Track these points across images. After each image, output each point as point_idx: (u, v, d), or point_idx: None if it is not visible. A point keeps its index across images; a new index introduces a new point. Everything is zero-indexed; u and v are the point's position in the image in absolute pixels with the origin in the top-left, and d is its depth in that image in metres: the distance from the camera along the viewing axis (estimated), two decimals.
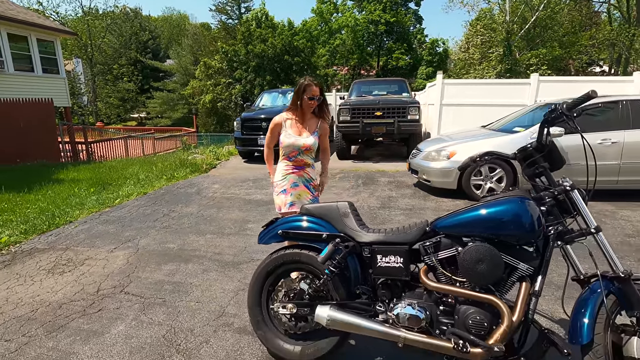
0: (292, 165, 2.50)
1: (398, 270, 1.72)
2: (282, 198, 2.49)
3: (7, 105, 9.32)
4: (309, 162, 2.54)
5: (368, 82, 10.57)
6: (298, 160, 2.49)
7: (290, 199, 2.47)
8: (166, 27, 47.15)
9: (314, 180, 2.58)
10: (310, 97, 2.40)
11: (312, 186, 2.55)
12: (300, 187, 2.49)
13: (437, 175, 5.09)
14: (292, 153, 2.47)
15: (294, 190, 2.48)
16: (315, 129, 2.51)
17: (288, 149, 2.47)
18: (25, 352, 2.09)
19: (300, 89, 2.40)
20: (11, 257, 3.44)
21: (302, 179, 2.51)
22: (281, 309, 1.88)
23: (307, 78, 2.44)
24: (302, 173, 2.51)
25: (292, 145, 2.44)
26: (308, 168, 2.54)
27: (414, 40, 31.16)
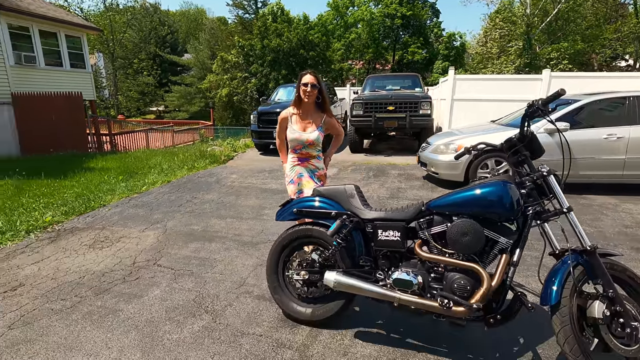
0: (297, 158, 2.68)
1: (396, 243, 1.99)
2: (291, 188, 2.72)
3: (40, 99, 9.92)
4: (314, 154, 2.69)
5: (381, 77, 10.73)
6: (303, 153, 2.66)
7: (298, 188, 2.68)
8: (184, 21, 47.93)
9: (320, 170, 2.73)
10: (303, 83, 2.52)
11: (317, 176, 2.71)
12: (305, 178, 2.67)
13: (444, 168, 5.30)
14: (297, 147, 2.65)
15: (300, 181, 2.68)
16: (320, 124, 2.64)
17: (293, 143, 2.65)
18: (78, 309, 2.47)
19: (298, 79, 2.57)
20: (56, 235, 3.86)
21: (307, 170, 2.68)
22: (295, 275, 2.19)
23: (306, 70, 2.62)
24: (307, 164, 2.69)
25: (296, 140, 2.61)
26: (313, 159, 2.69)
27: (430, 34, 30.88)
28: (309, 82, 2.51)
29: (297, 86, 2.57)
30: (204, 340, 2.12)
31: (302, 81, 2.54)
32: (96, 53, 33.73)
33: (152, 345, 2.08)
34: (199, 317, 2.34)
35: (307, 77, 2.52)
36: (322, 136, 2.63)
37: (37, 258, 3.30)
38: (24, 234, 3.82)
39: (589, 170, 4.84)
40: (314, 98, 2.57)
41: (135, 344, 2.09)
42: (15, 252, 3.44)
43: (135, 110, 36.12)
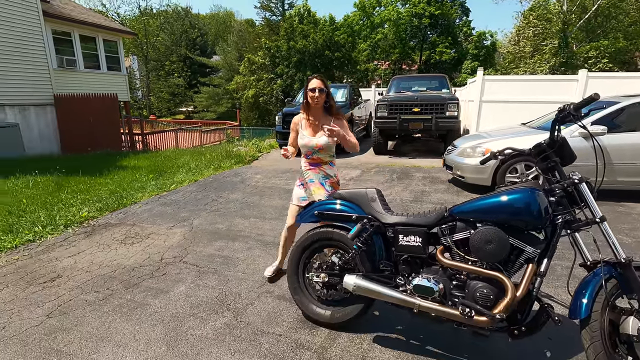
0: (309, 163, 2.64)
1: (417, 248, 1.97)
2: (297, 191, 2.67)
3: (79, 100, 10.49)
4: (325, 160, 2.62)
5: (407, 78, 10.60)
6: (314, 158, 2.60)
7: (304, 194, 2.63)
8: (213, 24, 49.18)
9: (332, 177, 2.64)
10: (310, 89, 2.46)
11: (329, 183, 2.61)
12: (315, 184, 2.59)
13: (471, 172, 5.16)
14: (308, 152, 2.60)
15: (309, 187, 2.63)
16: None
17: (304, 149, 2.60)
18: (110, 301, 2.60)
19: (305, 85, 2.53)
20: (91, 229, 4.08)
21: (319, 176, 2.60)
22: (315, 277, 2.21)
23: (312, 75, 2.59)
24: (318, 170, 2.61)
25: (306, 146, 2.56)
26: (324, 165, 2.62)
27: (459, 34, 30.11)
28: (316, 87, 2.46)
29: (305, 91, 2.53)
30: (226, 337, 2.18)
31: (309, 86, 2.49)
32: (131, 56, 35.30)
33: (176, 339, 2.16)
34: (221, 315, 2.40)
35: (314, 82, 2.48)
36: (332, 141, 2.52)
37: (74, 251, 3.50)
38: (62, 228, 4.07)
39: (628, 176, 4.57)
40: (322, 102, 2.51)
41: (160, 338, 2.18)
42: (54, 245, 3.66)
43: (166, 111, 37.46)
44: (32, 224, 4.03)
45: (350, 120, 9.10)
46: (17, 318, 2.41)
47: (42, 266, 3.18)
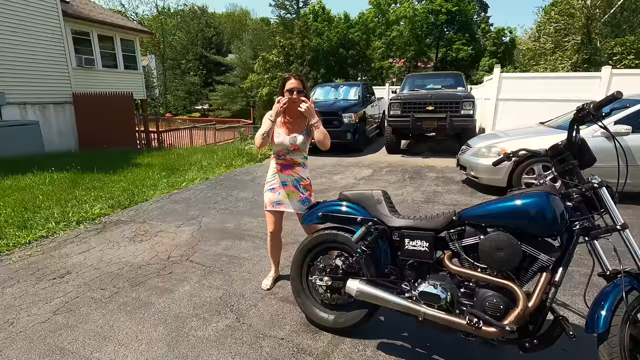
0: (281, 165, 2.48)
1: (424, 253, 1.89)
2: (269, 196, 2.51)
3: (96, 98, 10.73)
4: (299, 161, 2.48)
5: (422, 76, 10.40)
6: (287, 159, 2.46)
7: (278, 197, 2.48)
8: (229, 23, 49.60)
9: (305, 179, 2.50)
10: (289, 89, 2.31)
11: (303, 186, 2.48)
12: (288, 187, 2.47)
13: (485, 172, 5.00)
14: (282, 152, 2.45)
15: (282, 190, 2.47)
16: (305, 128, 2.44)
17: (277, 148, 2.45)
18: (115, 299, 2.61)
19: (281, 84, 2.37)
20: (102, 226, 4.14)
21: (292, 179, 2.46)
22: (318, 281, 2.15)
23: (290, 74, 2.43)
24: (291, 172, 2.46)
25: (281, 144, 2.41)
26: (298, 167, 2.48)
27: (477, 30, 29.49)
28: (294, 88, 2.31)
29: (280, 91, 2.38)
30: (227, 339, 2.15)
31: (286, 87, 2.34)
32: (148, 55, 35.96)
33: (177, 340, 2.14)
34: (224, 316, 2.38)
35: (292, 83, 2.33)
36: (307, 141, 2.44)
37: (84, 248, 3.54)
38: (74, 224, 4.13)
39: None
40: (299, 103, 2.32)
41: (162, 338, 2.17)
42: (66, 241, 3.72)
43: (182, 109, 38.03)
44: (46, 220, 4.12)
45: (363, 119, 9.01)
46: (25, 314, 2.44)
47: (52, 262, 3.23)
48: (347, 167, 7.21)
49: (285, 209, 2.50)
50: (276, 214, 2.55)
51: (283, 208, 2.50)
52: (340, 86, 10.44)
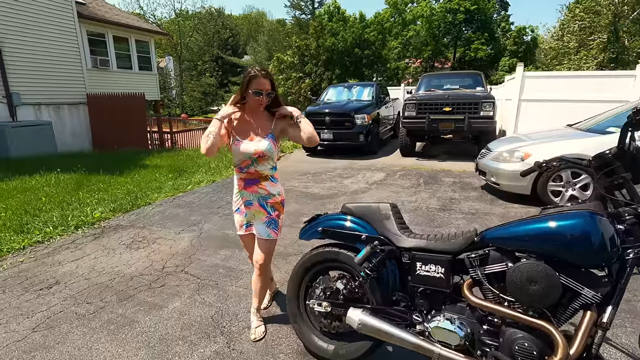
0: (244, 180, 2.03)
1: (439, 280, 1.60)
2: (237, 218, 2.14)
3: (109, 99, 10.76)
4: (266, 174, 2.01)
5: (439, 76, 10.00)
6: (251, 172, 1.99)
7: (245, 219, 2.11)
8: (245, 24, 49.92)
9: (275, 196, 2.06)
10: (256, 91, 1.87)
11: (271, 204, 2.05)
12: (254, 207, 2.05)
13: (507, 179, 4.63)
14: (244, 163, 1.98)
15: (247, 210, 2.08)
16: (270, 131, 2.00)
17: (237, 158, 1.98)
18: (100, 315, 2.41)
19: (245, 81, 1.88)
20: (101, 231, 3.98)
21: (257, 196, 2.03)
22: (316, 306, 1.89)
23: (254, 68, 1.92)
24: (257, 188, 2.02)
25: (242, 153, 1.95)
26: (265, 182, 2.02)
27: (497, 29, 28.64)
28: (264, 90, 1.88)
29: (244, 87, 1.89)
30: None
31: (253, 87, 1.87)
32: (166, 57, 36.49)
33: None
34: (212, 340, 2.14)
35: (262, 83, 1.87)
36: (275, 147, 2.00)
37: (79, 255, 3.38)
38: (73, 229, 4.00)
39: None
40: (266, 104, 1.96)
41: None
42: (61, 247, 3.57)
43: (198, 110, 38.41)
44: (44, 224, 3.99)
45: (377, 120, 8.70)
46: (3, 330, 2.27)
47: (43, 271, 3.07)
48: (359, 170, 6.92)
49: (254, 232, 2.13)
50: (250, 238, 2.17)
51: (252, 231, 2.13)
52: (353, 86, 10.15)
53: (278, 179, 2.11)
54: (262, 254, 2.08)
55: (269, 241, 2.07)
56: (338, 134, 8.16)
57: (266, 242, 2.07)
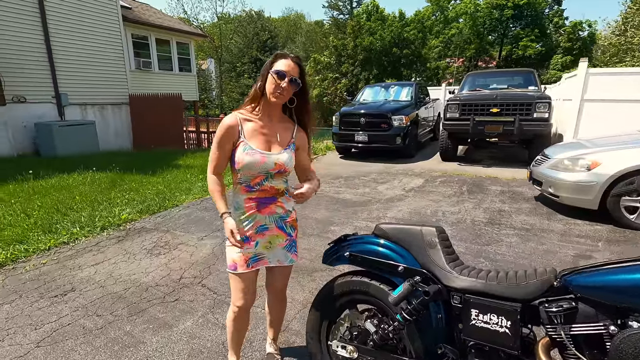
0: (256, 200, 1.58)
1: (502, 336, 1.21)
2: (239, 251, 1.57)
3: (151, 99, 11.07)
4: (281, 188, 1.62)
5: (485, 74, 9.26)
6: (266, 188, 1.57)
7: (255, 250, 1.59)
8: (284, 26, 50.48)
9: (292, 212, 1.69)
10: (279, 72, 1.44)
11: (290, 224, 1.68)
12: (271, 231, 1.61)
13: (569, 190, 4.01)
14: (257, 179, 1.55)
15: (260, 238, 1.59)
16: (292, 140, 1.61)
17: (249, 173, 1.53)
18: (106, 332, 2.23)
19: (268, 62, 1.49)
20: (125, 234, 3.90)
21: (274, 217, 1.62)
22: (340, 348, 1.55)
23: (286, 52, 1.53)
24: (274, 208, 1.61)
25: (257, 167, 1.52)
26: (281, 198, 1.63)
27: (548, 25, 26.63)
28: (288, 73, 1.45)
29: (264, 74, 1.49)
30: None
31: (274, 67, 1.47)
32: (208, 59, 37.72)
33: None
34: None
35: (287, 64, 1.47)
36: (294, 158, 1.62)
37: (99, 259, 3.28)
38: (98, 230, 3.94)
39: None
40: (287, 98, 1.52)
41: None
42: (85, 249, 3.50)
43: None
44: (72, 224, 3.97)
45: (415, 122, 8.18)
46: (8, 342, 2.14)
47: (62, 275, 2.98)
48: (395, 175, 6.47)
49: (266, 264, 1.64)
50: (252, 276, 1.63)
51: (263, 264, 1.63)
52: (391, 86, 9.67)
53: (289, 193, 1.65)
54: (282, 281, 1.78)
55: (291, 266, 1.76)
56: (374, 136, 7.75)
57: (288, 267, 1.75)
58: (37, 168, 6.31)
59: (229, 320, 1.71)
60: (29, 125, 8.80)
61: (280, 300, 1.86)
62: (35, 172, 6.01)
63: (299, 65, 1.50)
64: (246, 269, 1.58)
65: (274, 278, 1.77)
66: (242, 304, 1.63)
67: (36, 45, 8.89)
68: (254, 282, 1.66)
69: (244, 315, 1.69)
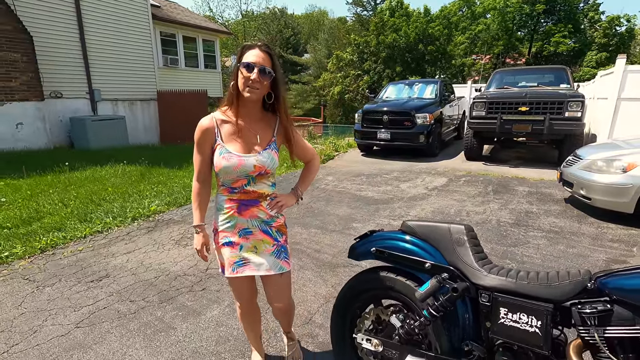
0: (237, 202, 1.53)
1: (532, 337, 1.20)
2: (226, 254, 1.56)
3: (177, 95, 11.38)
4: (266, 192, 1.56)
5: (513, 72, 8.97)
6: (248, 191, 1.52)
7: (239, 255, 1.55)
8: (307, 23, 50.55)
9: (278, 217, 1.62)
10: (247, 64, 1.38)
11: (276, 228, 1.61)
12: (255, 235, 1.55)
13: (603, 193, 3.86)
14: (237, 182, 1.50)
15: (244, 241, 1.55)
16: (272, 139, 1.54)
17: (229, 176, 1.49)
18: (139, 316, 2.34)
19: (239, 53, 1.43)
20: (154, 224, 4.05)
21: (257, 221, 1.56)
22: (365, 342, 1.57)
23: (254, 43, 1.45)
24: (255, 211, 1.54)
25: (235, 170, 1.46)
26: (264, 202, 1.56)
27: (583, 20, 25.43)
28: (257, 63, 1.38)
29: (235, 71, 1.43)
30: None
31: (243, 59, 1.40)
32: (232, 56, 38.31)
33: None
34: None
35: (255, 54, 1.39)
36: (277, 157, 1.55)
37: (131, 248, 3.43)
38: (130, 220, 4.12)
39: None
40: (263, 92, 1.45)
41: None
42: (117, 238, 3.67)
43: None
44: (105, 214, 4.17)
45: (439, 120, 8.05)
46: (51, 322, 2.29)
47: (97, 261, 3.14)
48: (419, 174, 6.40)
49: (253, 271, 1.56)
50: (243, 279, 1.63)
51: (250, 271, 1.55)
52: (415, 83, 9.54)
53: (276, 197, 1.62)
54: (280, 295, 1.66)
55: (285, 275, 1.63)
56: (396, 133, 7.68)
57: (281, 277, 1.62)
58: (72, 160, 6.63)
59: (239, 317, 1.78)
60: (64, 120, 9.24)
61: (283, 314, 1.81)
62: (70, 164, 6.32)
63: (269, 54, 1.42)
64: (232, 275, 1.56)
65: (269, 291, 1.67)
66: (242, 302, 1.71)
67: (72, 43, 9.30)
68: (246, 283, 1.66)
69: (248, 310, 1.74)
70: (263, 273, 1.56)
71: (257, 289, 1.77)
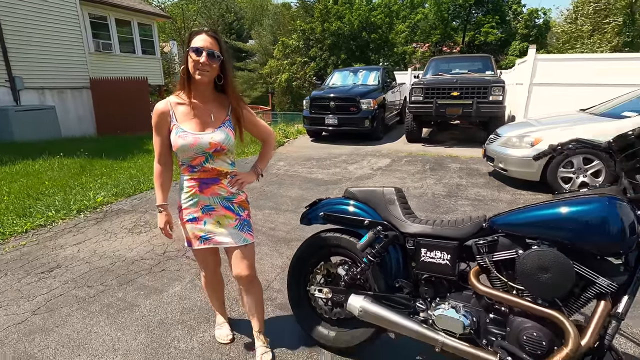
0: (197, 180, 1.63)
1: (444, 267, 1.54)
2: (191, 229, 1.69)
3: (114, 83, 10.69)
4: (225, 170, 1.66)
5: (447, 59, 9.73)
6: (207, 169, 1.61)
7: (204, 229, 1.67)
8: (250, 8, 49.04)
9: (239, 194, 1.72)
10: (195, 49, 1.48)
11: (237, 204, 1.70)
12: (217, 212, 1.66)
13: (516, 165, 4.51)
14: (196, 160, 1.59)
15: (207, 217, 1.66)
16: (226, 117, 1.64)
17: (186, 155, 1.58)
18: (100, 299, 2.40)
19: (187, 39, 1.54)
20: (103, 215, 3.97)
21: (218, 199, 1.65)
22: (317, 292, 1.84)
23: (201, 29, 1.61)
24: (216, 189, 1.64)
25: (191, 149, 1.55)
26: (225, 180, 1.66)
27: (508, 12, 27.75)
28: (204, 47, 1.48)
29: (185, 56, 1.53)
30: (212, 354, 1.88)
31: (192, 44, 1.50)
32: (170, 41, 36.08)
33: (157, 352, 1.90)
34: (212, 325, 2.11)
35: (202, 39, 1.49)
36: (233, 135, 1.64)
37: (80, 239, 3.37)
38: (75, 213, 3.99)
39: None
40: (213, 74, 1.55)
41: (141, 349, 1.93)
42: (63, 230, 3.57)
43: None
44: (47, 208, 3.99)
45: (383, 105, 8.53)
46: (4, 312, 2.26)
47: (45, 254, 3.07)
48: (364, 156, 6.82)
49: (218, 244, 1.69)
50: (208, 252, 1.79)
51: (215, 243, 1.68)
52: (359, 71, 9.94)
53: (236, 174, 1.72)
54: (244, 264, 1.70)
55: (249, 247, 1.71)
56: (343, 119, 8.03)
57: (245, 248, 1.70)
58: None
59: (203, 286, 1.97)
60: None
61: (249, 290, 1.79)
62: None
63: (217, 39, 1.52)
64: (198, 247, 1.70)
65: (235, 263, 1.71)
66: (207, 272, 1.90)
67: None
68: (212, 254, 1.83)
69: (213, 278, 1.93)
70: (227, 245, 1.68)
71: (220, 259, 1.94)
